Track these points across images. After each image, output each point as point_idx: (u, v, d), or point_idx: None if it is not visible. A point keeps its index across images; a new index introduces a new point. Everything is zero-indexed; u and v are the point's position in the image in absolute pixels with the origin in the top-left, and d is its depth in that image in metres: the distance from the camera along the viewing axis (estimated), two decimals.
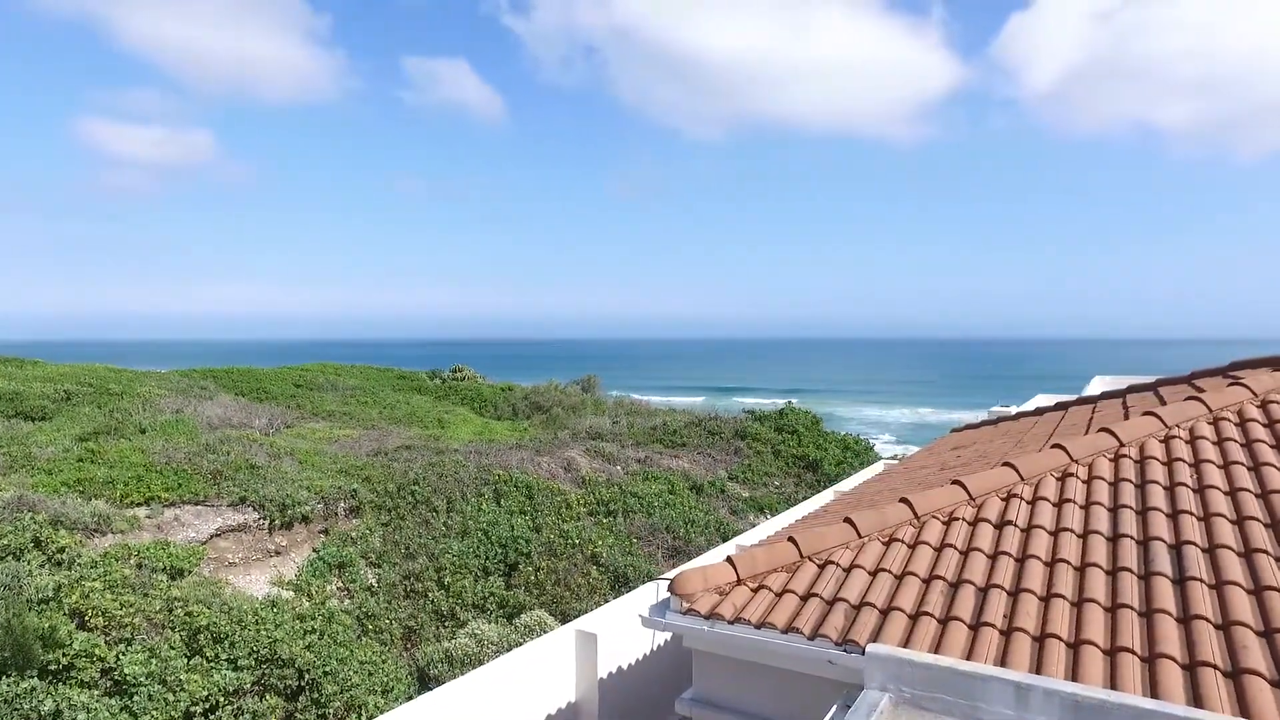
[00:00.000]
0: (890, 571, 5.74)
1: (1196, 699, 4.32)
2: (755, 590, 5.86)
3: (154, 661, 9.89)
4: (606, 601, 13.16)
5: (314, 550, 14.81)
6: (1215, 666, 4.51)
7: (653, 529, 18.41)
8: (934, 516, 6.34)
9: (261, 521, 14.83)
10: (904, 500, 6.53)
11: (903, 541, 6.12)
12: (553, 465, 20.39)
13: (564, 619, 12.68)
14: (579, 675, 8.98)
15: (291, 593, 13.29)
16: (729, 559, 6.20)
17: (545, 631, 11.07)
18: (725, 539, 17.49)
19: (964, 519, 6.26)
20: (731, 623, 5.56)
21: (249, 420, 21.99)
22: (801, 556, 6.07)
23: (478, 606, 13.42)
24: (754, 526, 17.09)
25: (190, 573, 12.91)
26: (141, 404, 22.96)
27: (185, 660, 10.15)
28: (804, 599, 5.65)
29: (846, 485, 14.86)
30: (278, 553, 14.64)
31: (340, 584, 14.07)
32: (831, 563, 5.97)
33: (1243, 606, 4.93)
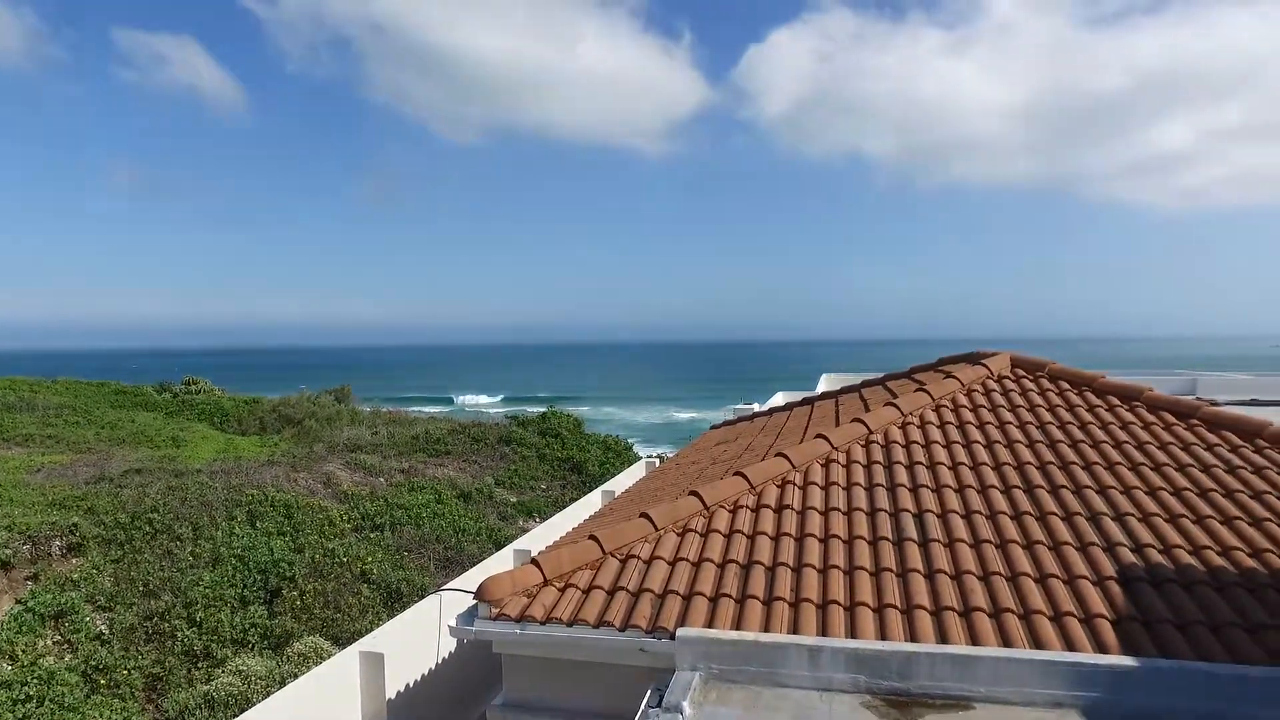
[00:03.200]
0: (688, 560, 6.17)
1: (943, 636, 5.18)
2: (563, 589, 6.02)
3: None
4: (380, 620, 12.64)
5: (18, 601, 12.68)
6: (954, 609, 5.42)
7: (423, 540, 17.94)
8: (721, 506, 6.89)
9: None
10: (693, 493, 7.03)
11: (696, 531, 6.58)
12: (311, 481, 19.12)
13: (338, 642, 12.00)
14: (365, 698, 8.59)
15: None
16: (534, 560, 6.31)
17: (323, 659, 10.40)
18: (498, 546, 17.43)
19: (748, 506, 6.87)
20: (543, 623, 5.67)
21: None
22: (604, 553, 6.33)
23: (238, 641, 12.27)
24: (525, 531, 17.20)
25: None
26: None
27: None
28: (611, 593, 5.90)
29: (613, 485, 15.38)
30: None
31: (59, 636, 12.19)
32: (633, 556, 6.28)
33: (968, 558, 5.95)
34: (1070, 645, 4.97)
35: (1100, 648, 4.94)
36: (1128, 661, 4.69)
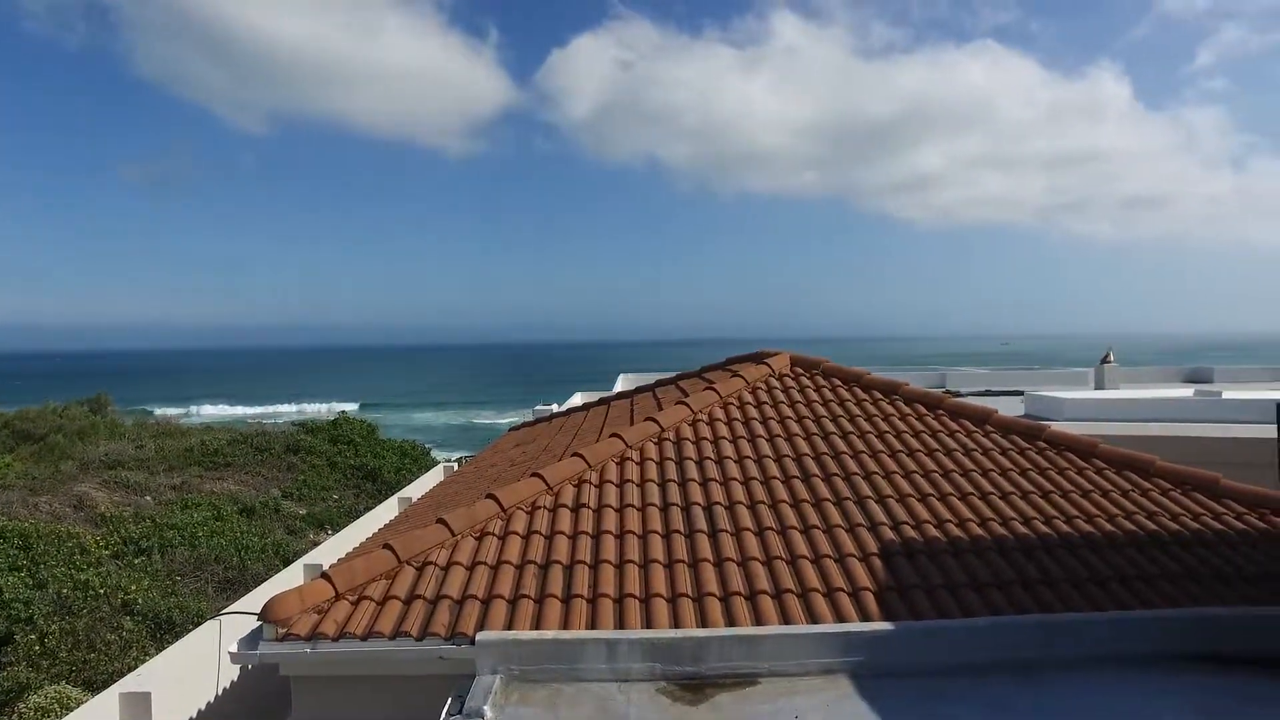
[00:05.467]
0: (486, 563, 6.14)
1: (731, 620, 5.54)
2: (356, 602, 5.79)
3: None
4: (147, 655, 11.44)
5: None
6: (740, 594, 5.80)
7: (199, 562, 16.50)
8: (519, 508, 6.91)
9: None
10: (491, 496, 7.00)
11: (494, 534, 6.56)
12: (57, 505, 16.95)
13: (93, 687, 10.70)
14: None
15: None
16: (324, 574, 6.03)
17: (71, 708, 9.21)
18: (286, 562, 16.37)
19: (545, 507, 6.94)
20: (335, 639, 5.42)
21: None
22: (400, 561, 6.15)
23: None
24: (316, 544, 16.28)
25: None
26: None
27: None
28: (408, 602, 5.75)
29: (409, 491, 14.94)
30: None
31: None
32: (430, 563, 6.16)
33: (753, 545, 6.39)
34: (840, 617, 5.50)
35: (865, 616, 5.50)
36: (885, 626, 5.29)
